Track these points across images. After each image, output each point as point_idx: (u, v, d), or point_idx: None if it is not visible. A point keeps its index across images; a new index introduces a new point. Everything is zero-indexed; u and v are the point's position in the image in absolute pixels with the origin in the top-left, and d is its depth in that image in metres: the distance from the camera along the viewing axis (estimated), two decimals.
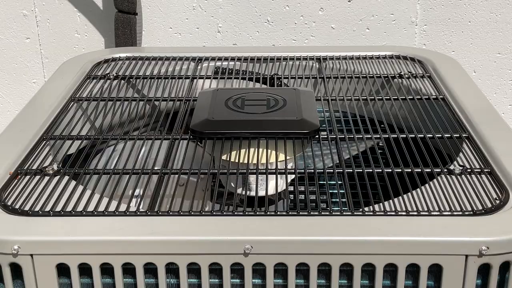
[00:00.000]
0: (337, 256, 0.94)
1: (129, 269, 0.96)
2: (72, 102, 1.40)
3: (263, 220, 0.98)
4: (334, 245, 0.94)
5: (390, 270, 0.96)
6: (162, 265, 0.95)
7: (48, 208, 1.01)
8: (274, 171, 1.12)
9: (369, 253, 0.94)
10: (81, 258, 0.95)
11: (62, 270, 0.97)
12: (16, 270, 0.96)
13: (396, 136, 1.23)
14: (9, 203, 1.02)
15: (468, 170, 1.11)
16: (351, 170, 1.11)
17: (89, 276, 0.97)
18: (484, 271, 0.96)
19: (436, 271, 0.96)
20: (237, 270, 0.96)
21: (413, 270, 0.96)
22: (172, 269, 0.96)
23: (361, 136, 1.23)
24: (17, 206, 1.02)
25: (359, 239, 0.94)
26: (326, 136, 1.23)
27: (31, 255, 0.95)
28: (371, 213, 0.99)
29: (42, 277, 0.96)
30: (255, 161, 1.15)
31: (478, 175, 1.09)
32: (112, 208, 1.01)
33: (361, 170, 1.11)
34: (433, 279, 0.96)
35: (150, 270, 0.96)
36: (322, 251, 0.94)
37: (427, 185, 1.07)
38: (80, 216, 1.00)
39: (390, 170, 1.11)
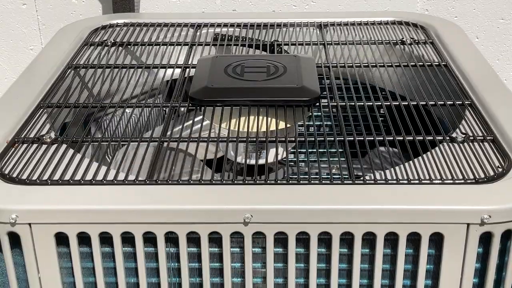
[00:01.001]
0: (338, 225, 0.93)
1: (128, 238, 0.96)
2: (70, 70, 1.38)
3: (263, 189, 0.98)
4: (335, 214, 0.93)
5: (391, 239, 0.95)
6: (161, 234, 0.94)
7: (45, 177, 1.00)
8: (274, 139, 1.11)
9: (370, 222, 0.93)
10: (79, 227, 0.95)
11: (61, 239, 0.96)
12: (15, 239, 0.96)
13: (397, 103, 1.21)
14: (6, 172, 1.01)
15: (471, 137, 1.09)
16: (352, 138, 1.10)
17: (88, 245, 0.96)
18: (485, 239, 0.95)
19: (437, 240, 0.95)
20: (237, 239, 0.95)
21: (414, 239, 0.95)
22: (171, 238, 0.95)
23: (362, 103, 1.22)
24: (14, 175, 1.01)
25: (360, 208, 0.94)
26: (327, 104, 1.21)
27: (29, 224, 0.94)
28: (372, 182, 0.98)
29: (41, 246, 0.96)
30: (255, 129, 1.13)
31: (480, 143, 1.08)
32: (110, 177, 1.00)
33: (362, 138, 1.10)
34: (434, 248, 0.96)
35: (149, 239, 0.96)
36: (322, 220, 0.93)
37: (429, 153, 1.05)
38: (78, 185, 0.99)
39: (392, 138, 1.10)
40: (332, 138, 1.10)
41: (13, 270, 0.98)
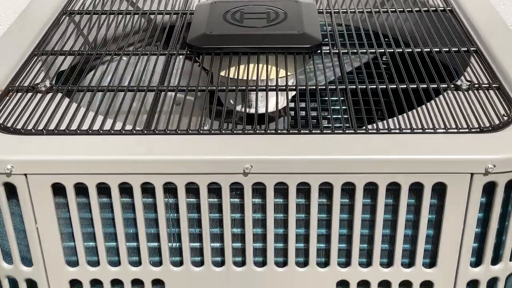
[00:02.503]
0: (339, 175, 0.92)
1: (126, 189, 0.94)
2: (64, 16, 1.34)
3: (263, 139, 0.96)
4: (336, 164, 0.92)
5: (393, 189, 0.94)
6: (159, 185, 0.93)
7: (41, 127, 0.98)
8: (274, 87, 1.08)
9: (372, 172, 0.92)
10: (76, 177, 0.93)
11: (58, 189, 0.95)
12: (11, 190, 0.94)
13: (401, 50, 1.18)
14: (0, 122, 0.99)
15: (476, 85, 1.07)
16: (354, 86, 1.07)
17: (86, 195, 0.95)
18: (489, 189, 0.94)
19: (440, 190, 0.94)
20: (237, 189, 0.94)
21: (416, 189, 0.94)
22: (170, 189, 0.94)
23: (364, 50, 1.19)
24: (9, 125, 0.98)
25: (362, 158, 0.92)
26: (328, 51, 1.18)
27: (25, 174, 0.93)
28: (375, 131, 0.96)
29: (38, 196, 0.94)
30: (254, 77, 1.11)
31: (485, 91, 1.06)
32: (107, 126, 0.98)
33: (364, 86, 1.07)
34: (436, 198, 0.95)
35: (148, 189, 0.94)
36: (323, 170, 0.91)
37: (433, 101, 1.03)
38: (74, 134, 0.97)
39: (395, 86, 1.07)
40: (334, 87, 1.08)
41: (10, 220, 0.97)
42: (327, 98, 1.05)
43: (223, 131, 0.97)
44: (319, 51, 1.17)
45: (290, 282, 1.00)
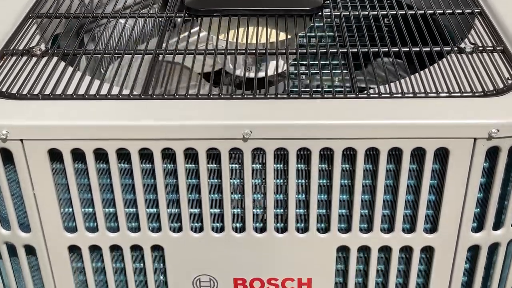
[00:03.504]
0: (340, 140, 0.90)
1: (124, 154, 0.93)
2: None
3: (262, 104, 0.94)
4: (337, 129, 0.90)
5: (395, 154, 0.92)
6: (157, 150, 0.92)
7: (36, 91, 0.96)
8: (274, 51, 1.06)
9: (373, 137, 0.90)
10: (73, 143, 0.92)
11: (55, 155, 0.93)
12: (7, 155, 0.93)
13: (404, 12, 1.16)
14: None
15: (480, 48, 1.05)
16: (356, 50, 1.05)
17: (83, 161, 0.94)
18: (492, 154, 0.92)
19: (442, 155, 0.92)
20: (236, 155, 0.93)
21: (418, 154, 0.92)
22: (168, 155, 0.93)
23: (366, 12, 1.17)
24: (3, 89, 0.97)
25: (363, 123, 0.90)
26: (329, 13, 1.16)
27: (21, 140, 0.91)
28: (376, 95, 0.95)
29: (34, 162, 0.93)
30: (254, 41, 1.09)
31: (490, 54, 1.04)
32: (104, 91, 0.96)
33: (366, 50, 1.05)
34: (438, 163, 0.93)
35: (146, 155, 0.93)
36: (324, 135, 0.90)
37: (436, 65, 1.01)
38: (70, 99, 0.95)
39: (397, 49, 1.05)
40: (335, 50, 1.06)
41: (7, 186, 0.96)
42: (328, 62, 1.03)
43: (222, 96, 0.95)
44: (320, 13, 1.15)
45: (290, 248, 0.99)
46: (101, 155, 0.93)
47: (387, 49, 1.05)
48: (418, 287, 1.04)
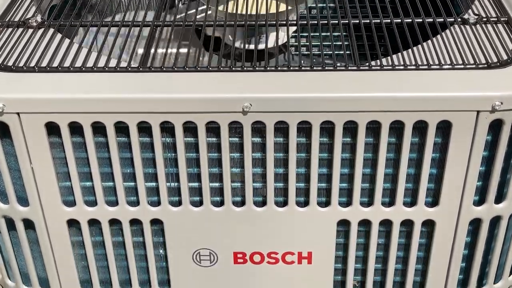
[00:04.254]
0: (341, 113, 0.89)
1: (122, 128, 0.92)
2: None
3: (262, 76, 0.92)
4: (338, 102, 0.89)
5: (396, 127, 0.91)
6: (156, 124, 0.90)
7: (33, 64, 0.94)
8: (274, 22, 1.04)
9: (375, 110, 0.89)
10: (71, 116, 0.90)
11: (52, 128, 0.92)
12: (4, 129, 0.92)
13: None
14: None
15: (484, 19, 1.03)
16: (357, 21, 1.03)
17: (81, 134, 0.93)
18: (495, 127, 0.91)
19: (444, 128, 0.91)
20: (236, 128, 0.91)
21: (420, 127, 0.91)
22: (167, 128, 0.92)
23: None
24: None
25: (364, 96, 0.89)
26: None
27: (18, 113, 0.90)
28: (378, 68, 0.93)
29: (31, 136, 0.92)
30: (254, 12, 1.07)
31: (494, 25, 1.02)
32: (101, 63, 0.94)
33: (368, 21, 1.03)
34: (440, 136, 0.92)
35: (144, 129, 0.92)
36: (325, 108, 0.89)
37: (439, 36, 0.99)
38: (67, 72, 0.94)
39: (400, 20, 1.03)
40: (336, 21, 1.04)
41: (4, 160, 0.95)
42: (329, 34, 1.01)
43: (222, 68, 0.93)
44: None
45: (290, 222, 0.98)
46: (99, 128, 0.92)
47: (389, 20, 1.03)
48: (418, 260, 1.04)
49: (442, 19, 1.03)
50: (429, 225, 1.00)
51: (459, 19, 1.03)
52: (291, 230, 0.99)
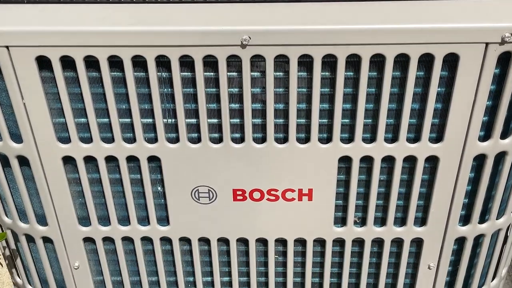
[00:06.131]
0: (344, 46, 0.85)
1: (116, 62, 0.88)
2: None
3: (262, 7, 0.89)
4: (341, 35, 0.85)
5: (401, 61, 0.88)
6: (151, 58, 0.87)
7: None
8: None
9: (378, 42, 0.85)
10: (62, 50, 0.87)
11: (44, 63, 0.89)
12: None
13: None
14: None
15: None
16: None
17: (74, 69, 0.89)
18: (503, 60, 0.88)
19: (451, 61, 0.88)
20: (234, 63, 0.88)
21: (425, 60, 0.88)
22: (163, 62, 0.88)
23: None
24: None
25: (368, 28, 0.85)
26: None
27: (7, 46, 0.87)
28: None
29: (22, 70, 0.89)
30: None
31: None
32: None
33: None
34: (447, 70, 0.89)
35: (139, 63, 0.88)
36: (327, 41, 0.85)
37: None
38: (58, 3, 0.90)
39: None
40: None
41: None
42: None
43: (219, 0, 0.89)
44: None
45: (291, 158, 0.96)
46: (92, 62, 0.89)
47: None
48: (421, 196, 1.02)
49: None
50: (432, 161, 0.98)
51: None
52: (292, 167, 0.97)
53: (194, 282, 1.13)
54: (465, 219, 1.05)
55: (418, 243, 1.07)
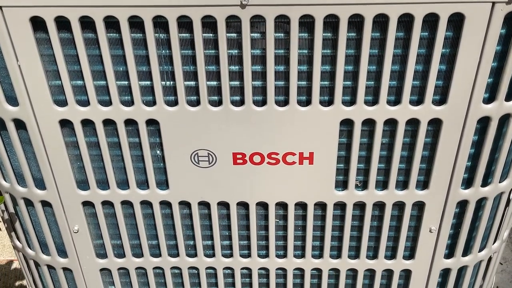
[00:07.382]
0: (346, 6, 0.83)
1: (112, 23, 0.86)
2: None
3: None
4: None
5: (405, 21, 0.85)
6: (148, 18, 0.85)
7: None
8: None
9: (381, 2, 0.83)
10: (57, 10, 0.85)
11: (38, 24, 0.87)
12: None
13: None
14: None
15: None
16: None
17: (69, 30, 0.87)
18: (510, 20, 0.86)
19: (456, 21, 0.86)
20: (234, 23, 0.86)
21: (430, 20, 0.85)
22: (160, 23, 0.86)
23: None
24: None
25: None
26: None
27: (0, 7, 0.84)
28: None
29: (16, 31, 0.86)
30: None
31: None
32: None
33: None
34: (452, 30, 0.87)
35: (136, 24, 0.86)
36: (329, 0, 0.83)
37: None
38: None
39: None
40: None
41: None
42: None
43: None
44: None
45: (291, 121, 0.94)
46: (88, 23, 0.86)
47: None
48: (423, 159, 1.01)
49: None
50: (435, 123, 0.96)
51: None
52: (292, 130, 0.95)
53: (194, 246, 1.13)
54: (468, 182, 1.04)
55: (419, 206, 1.07)
